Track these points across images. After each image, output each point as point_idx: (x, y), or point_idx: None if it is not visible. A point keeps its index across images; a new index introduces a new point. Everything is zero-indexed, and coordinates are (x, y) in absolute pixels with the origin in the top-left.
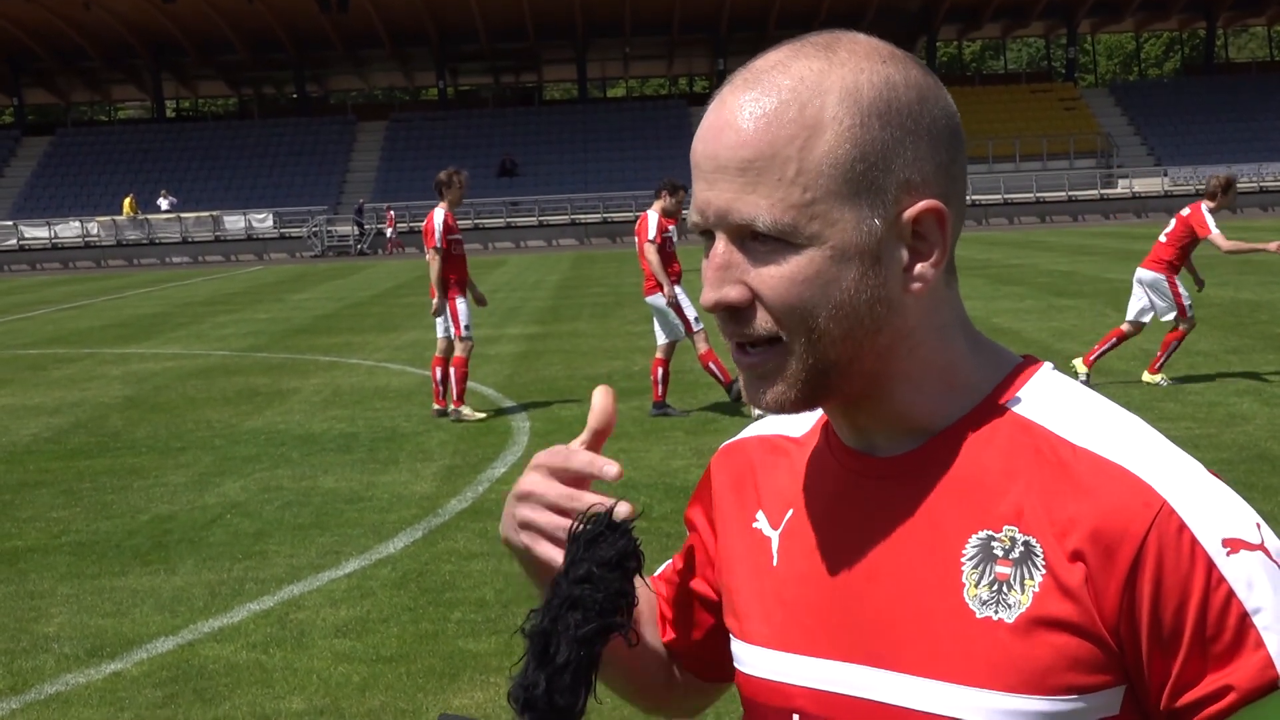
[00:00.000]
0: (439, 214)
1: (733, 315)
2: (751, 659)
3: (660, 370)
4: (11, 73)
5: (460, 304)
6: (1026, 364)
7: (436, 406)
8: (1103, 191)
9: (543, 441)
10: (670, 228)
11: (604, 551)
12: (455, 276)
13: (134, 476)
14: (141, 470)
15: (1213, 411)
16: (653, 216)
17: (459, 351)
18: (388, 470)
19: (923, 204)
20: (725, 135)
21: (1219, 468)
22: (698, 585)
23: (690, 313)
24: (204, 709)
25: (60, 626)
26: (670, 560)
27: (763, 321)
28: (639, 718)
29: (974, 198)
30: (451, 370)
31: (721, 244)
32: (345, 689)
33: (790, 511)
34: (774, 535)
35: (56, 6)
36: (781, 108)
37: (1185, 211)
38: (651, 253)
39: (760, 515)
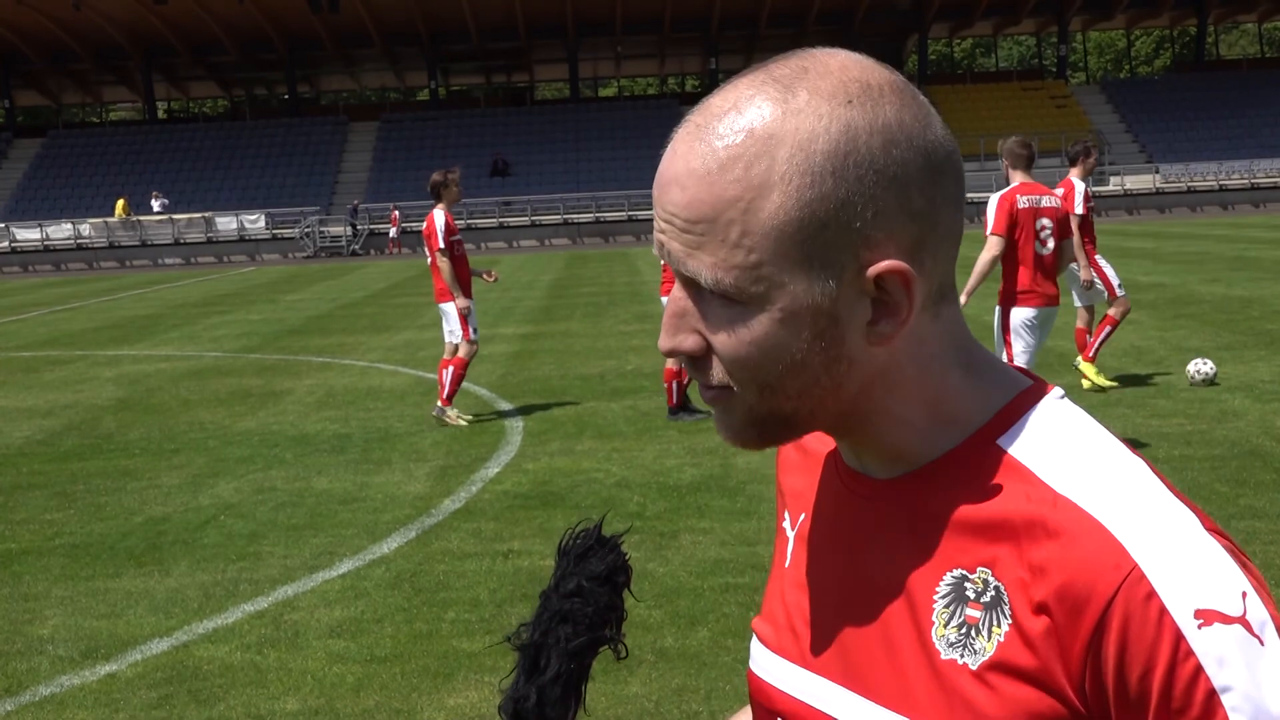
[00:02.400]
0: (439, 216)
1: (691, 361)
2: (756, 656)
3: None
4: (2, 74)
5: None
6: (1030, 392)
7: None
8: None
9: (536, 442)
10: None
11: (594, 566)
12: (461, 277)
13: (127, 478)
14: (135, 472)
15: (1205, 408)
16: None
17: (463, 353)
18: (381, 471)
19: (884, 265)
20: (671, 192)
21: (1211, 464)
22: None
23: None
24: (199, 710)
25: (54, 628)
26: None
27: (718, 372)
28: None
29: (967, 196)
30: (449, 369)
31: (678, 290)
32: (340, 689)
33: (803, 516)
34: (791, 536)
35: (47, 8)
36: (726, 166)
37: None
38: None
39: (788, 514)
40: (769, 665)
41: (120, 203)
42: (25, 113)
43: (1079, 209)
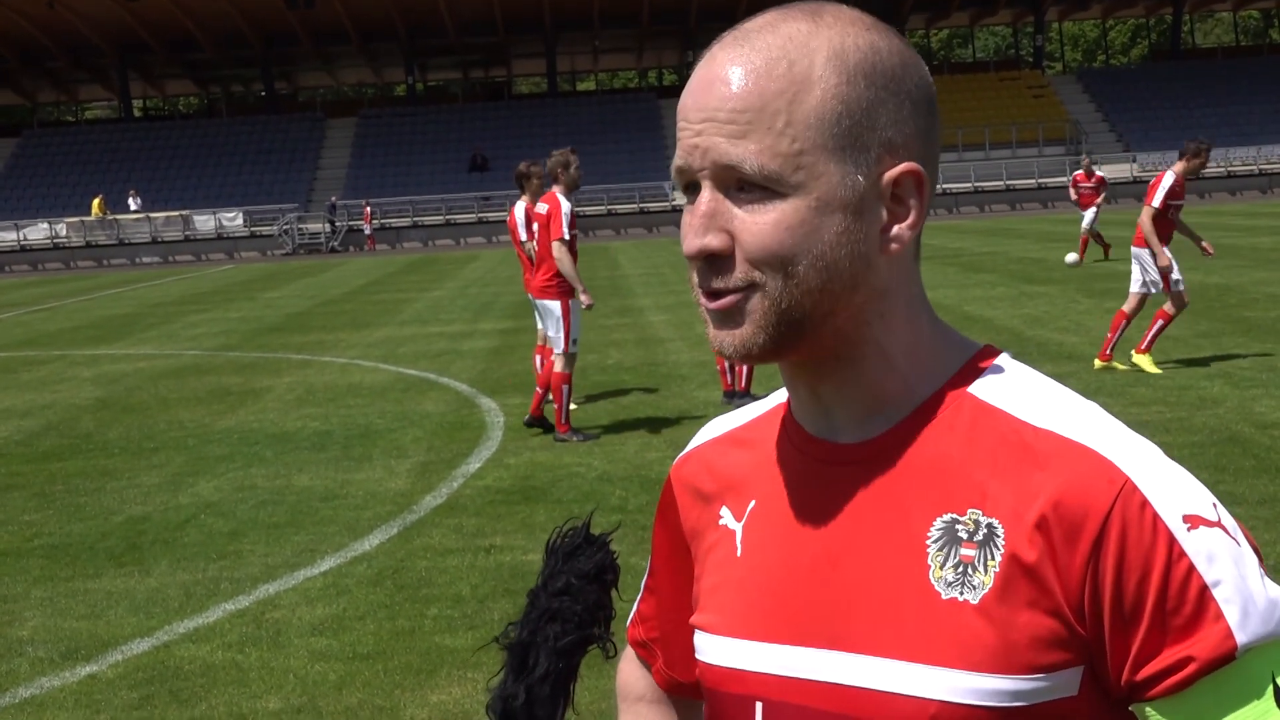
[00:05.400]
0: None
1: (711, 264)
2: (711, 648)
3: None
4: None
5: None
6: (987, 349)
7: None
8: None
9: (517, 437)
10: None
11: (582, 564)
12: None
13: (107, 478)
14: (114, 472)
15: (1183, 395)
16: None
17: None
18: (362, 467)
19: (903, 166)
20: (716, 88)
21: (1190, 451)
22: (673, 619)
23: None
24: (180, 710)
25: (34, 630)
26: (637, 608)
27: (741, 271)
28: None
29: (944, 186)
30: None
31: (707, 192)
32: (322, 687)
33: (752, 503)
34: (738, 528)
35: (20, 6)
36: (771, 64)
37: None
38: None
39: (724, 510)
40: (732, 652)
41: (96, 201)
42: None
43: (1156, 202)
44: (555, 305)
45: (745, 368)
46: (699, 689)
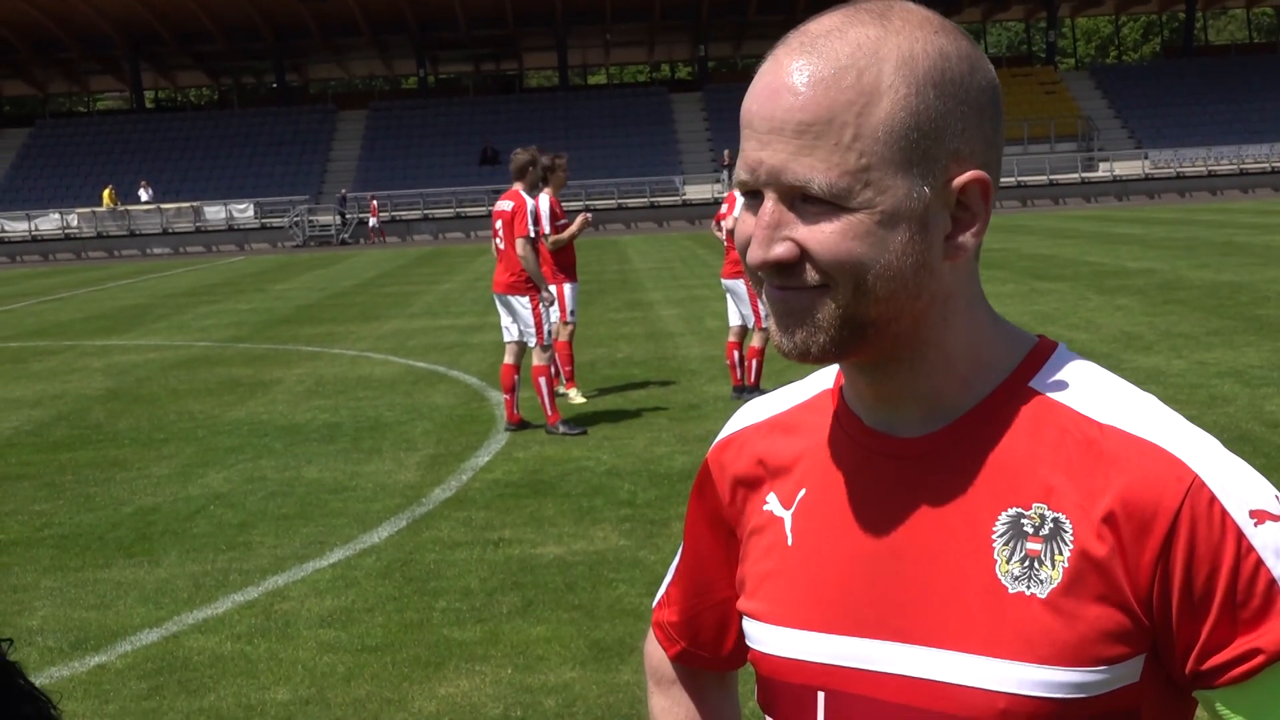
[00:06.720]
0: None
1: (780, 270)
2: (769, 638)
3: (735, 354)
4: None
5: (568, 289)
6: (1044, 343)
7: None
8: (1083, 175)
9: (525, 431)
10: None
11: None
12: (559, 261)
13: (116, 469)
14: (124, 462)
15: (1194, 393)
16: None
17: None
18: (371, 460)
19: (970, 175)
20: (782, 97)
21: None
22: (707, 599)
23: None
24: (189, 700)
25: (44, 619)
26: (666, 590)
27: (811, 275)
28: None
29: None
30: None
31: (771, 203)
32: (330, 679)
33: (803, 491)
34: (786, 515)
35: None
36: (840, 73)
37: None
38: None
39: (770, 496)
40: (794, 642)
41: (107, 192)
42: (11, 102)
43: None
44: (525, 300)
45: (756, 362)
46: (723, 662)
